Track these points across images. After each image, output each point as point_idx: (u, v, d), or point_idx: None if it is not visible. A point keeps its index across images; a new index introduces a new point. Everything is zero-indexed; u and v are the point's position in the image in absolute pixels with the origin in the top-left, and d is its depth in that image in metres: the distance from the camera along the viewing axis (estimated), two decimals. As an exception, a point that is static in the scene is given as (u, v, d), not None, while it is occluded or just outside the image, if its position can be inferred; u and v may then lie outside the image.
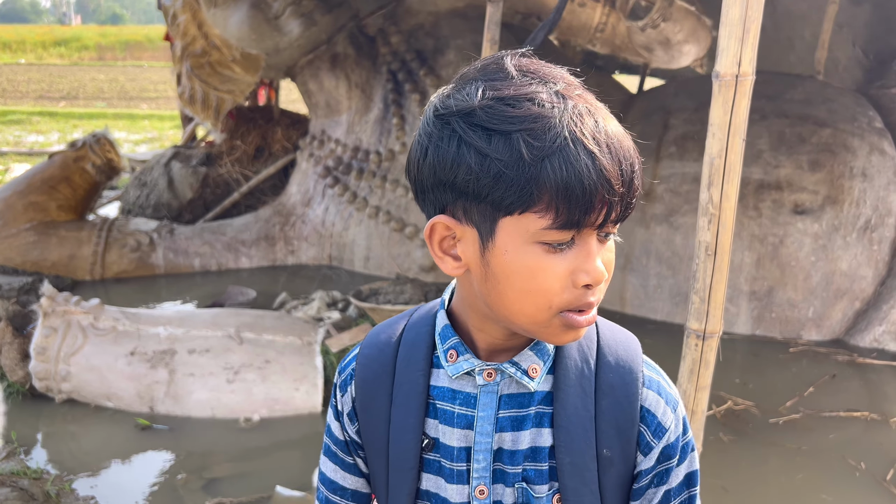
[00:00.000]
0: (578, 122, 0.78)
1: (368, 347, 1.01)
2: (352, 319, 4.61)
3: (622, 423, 0.91)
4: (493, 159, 0.78)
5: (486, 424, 0.92)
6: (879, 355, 4.54)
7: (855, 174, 4.86)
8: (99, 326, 3.79)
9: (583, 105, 0.80)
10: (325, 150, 6.38)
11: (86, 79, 24.45)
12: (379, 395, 0.97)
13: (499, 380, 0.92)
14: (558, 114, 0.78)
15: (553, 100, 0.79)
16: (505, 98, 0.79)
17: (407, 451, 0.94)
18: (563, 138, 0.76)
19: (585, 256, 0.81)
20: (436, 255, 0.89)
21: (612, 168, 0.78)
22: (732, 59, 1.54)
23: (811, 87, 5.45)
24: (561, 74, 0.84)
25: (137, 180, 7.36)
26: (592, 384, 0.92)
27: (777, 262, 4.83)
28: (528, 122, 0.77)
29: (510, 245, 0.81)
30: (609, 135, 0.79)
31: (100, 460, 3.38)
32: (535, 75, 0.82)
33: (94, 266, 5.78)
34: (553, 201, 0.77)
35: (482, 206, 0.81)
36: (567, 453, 0.90)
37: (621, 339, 0.96)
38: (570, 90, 0.81)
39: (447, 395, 0.94)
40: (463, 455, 0.93)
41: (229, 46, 6.17)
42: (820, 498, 3.17)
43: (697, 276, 1.69)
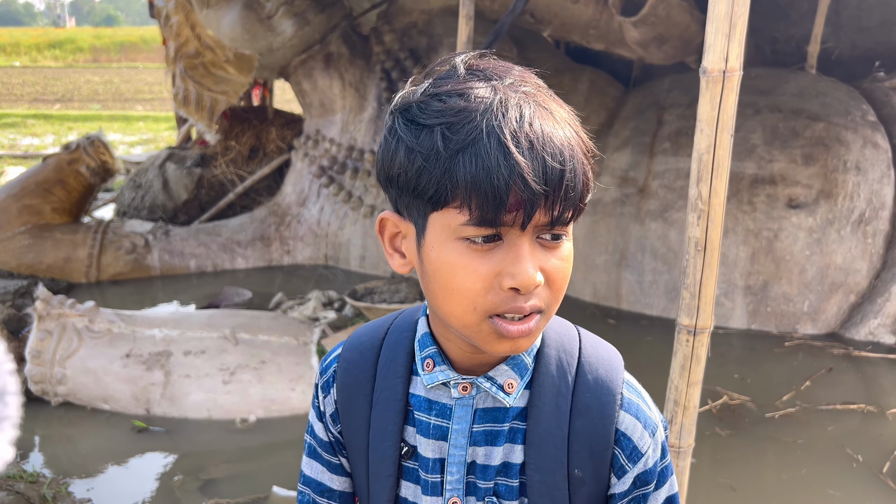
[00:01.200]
0: (499, 116, 0.75)
1: (350, 350, 0.99)
2: (348, 319, 4.61)
3: (595, 444, 0.89)
4: (417, 153, 0.77)
5: (461, 437, 0.90)
6: (875, 348, 4.55)
7: (849, 168, 4.87)
8: (94, 329, 3.79)
9: (516, 100, 0.77)
10: (319, 150, 6.38)
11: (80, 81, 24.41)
12: (359, 400, 0.96)
13: (474, 393, 0.90)
14: (482, 108, 0.75)
15: (484, 95, 0.77)
16: (439, 94, 0.78)
17: (385, 458, 0.93)
18: (478, 132, 0.74)
19: (513, 258, 0.77)
20: (386, 252, 0.88)
21: (528, 165, 0.73)
22: (719, 55, 1.54)
23: (804, 81, 5.45)
24: (515, 72, 0.82)
25: (132, 182, 7.35)
26: (568, 403, 0.89)
27: (772, 256, 4.84)
28: (449, 116, 0.76)
29: (436, 241, 0.80)
30: (535, 130, 0.75)
31: (96, 463, 3.38)
32: (482, 73, 0.81)
33: (89, 269, 5.77)
34: (466, 196, 0.75)
35: (415, 201, 0.80)
36: (537, 471, 0.88)
37: (603, 357, 0.93)
38: (513, 87, 0.79)
39: (423, 405, 0.92)
40: (437, 466, 0.91)
41: (222, 47, 6.16)
42: (818, 491, 3.18)
43: (687, 271, 1.69)
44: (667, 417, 1.79)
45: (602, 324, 4.95)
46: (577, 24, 6.13)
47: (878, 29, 6.31)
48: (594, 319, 5.05)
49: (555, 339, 0.92)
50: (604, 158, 0.85)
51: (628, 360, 0.99)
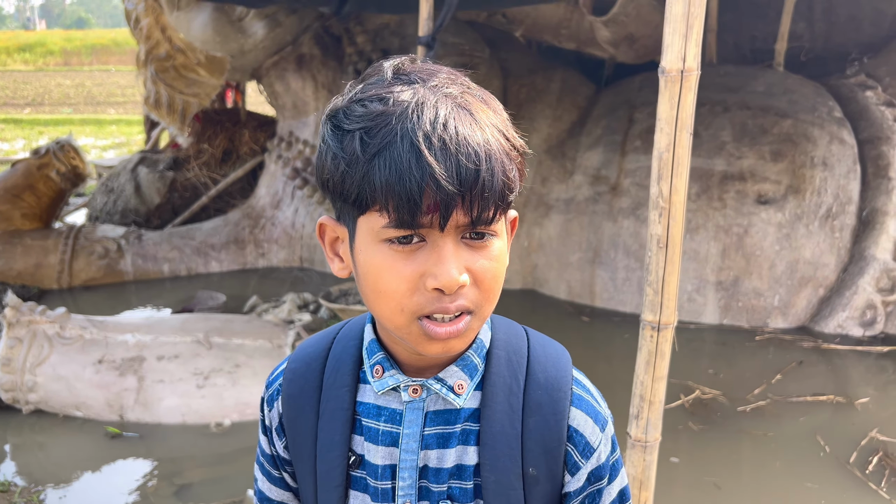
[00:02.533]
0: (414, 119, 0.75)
1: (295, 362, 0.98)
2: (323, 321, 4.61)
3: (549, 441, 0.89)
4: (341, 158, 0.78)
5: (412, 442, 0.89)
6: (843, 340, 4.63)
7: (816, 163, 4.95)
8: (65, 335, 3.75)
9: (433, 102, 0.77)
10: (293, 152, 6.37)
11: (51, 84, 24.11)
12: (305, 411, 0.95)
13: (425, 396, 0.90)
14: (398, 111, 0.76)
15: (403, 98, 0.77)
16: (363, 99, 0.79)
17: (333, 468, 0.92)
18: (392, 135, 0.75)
19: (436, 259, 0.78)
20: (328, 256, 0.89)
21: (440, 166, 0.73)
22: (677, 55, 1.57)
23: (772, 79, 5.53)
24: (441, 75, 0.82)
25: (104, 187, 7.28)
26: (520, 401, 0.89)
27: (742, 251, 4.91)
28: (367, 121, 0.76)
29: (363, 244, 0.81)
30: (449, 131, 0.75)
31: (69, 470, 3.35)
32: (408, 76, 0.81)
33: (61, 274, 5.71)
34: (383, 200, 0.75)
35: (345, 206, 0.81)
36: (492, 472, 0.88)
37: (552, 355, 0.94)
38: (436, 89, 0.79)
39: (372, 412, 0.92)
40: (388, 473, 0.91)
41: (193, 49, 6.13)
42: (794, 483, 3.23)
43: (650, 268, 1.71)
44: (633, 412, 1.82)
45: (576, 321, 4.99)
46: (548, 24, 6.17)
47: (846, 24, 6.42)
48: (568, 317, 5.09)
49: (503, 340, 0.93)
50: (530, 154, 0.85)
51: (601, 356, 1.00)
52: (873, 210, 4.89)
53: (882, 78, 5.49)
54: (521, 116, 5.80)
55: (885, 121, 5.18)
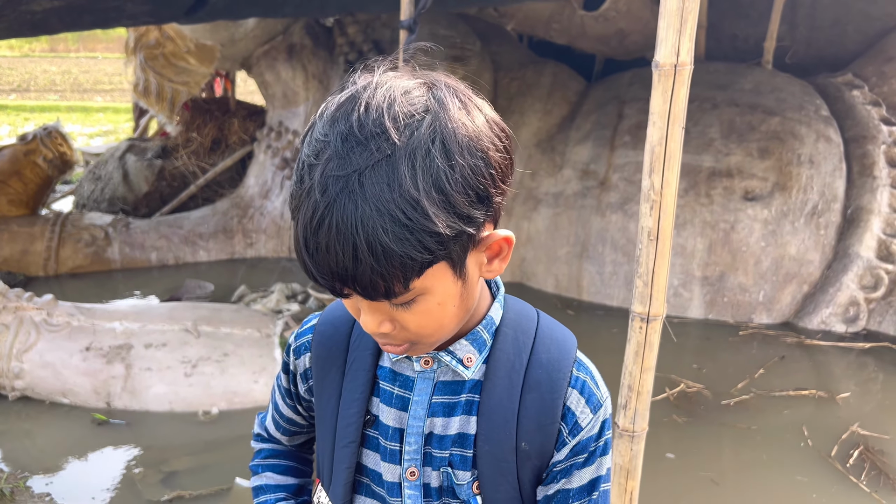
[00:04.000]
0: (305, 216, 0.76)
1: (325, 324, 1.04)
2: (312, 311, 4.62)
3: (543, 419, 0.92)
4: (294, 182, 0.82)
5: (420, 409, 0.94)
6: (826, 336, 4.69)
7: (802, 161, 5.00)
8: (52, 322, 3.74)
9: (335, 188, 0.74)
10: (282, 142, 6.35)
11: (37, 71, 23.87)
12: (332, 371, 1.00)
13: (436, 367, 0.94)
14: (304, 195, 0.77)
15: (316, 174, 0.76)
16: (311, 151, 0.78)
17: (350, 424, 0.97)
18: (296, 222, 0.78)
19: (360, 313, 0.85)
20: None
21: (316, 270, 0.78)
22: (671, 49, 1.59)
23: (760, 77, 5.58)
24: (398, 127, 0.76)
25: (92, 174, 7.24)
26: (521, 378, 0.93)
27: (728, 247, 4.95)
28: (295, 198, 0.79)
29: None
30: (321, 235, 0.75)
31: (56, 457, 3.35)
32: (359, 136, 0.75)
33: (47, 261, 5.68)
34: None
35: None
36: (486, 441, 0.92)
37: (558, 338, 0.97)
38: (361, 158, 0.74)
39: (388, 376, 0.97)
40: (396, 435, 0.95)
41: (183, 37, 6.09)
42: (771, 473, 3.28)
43: (640, 260, 1.74)
44: (621, 402, 1.84)
45: (562, 314, 5.02)
46: (539, 19, 6.18)
47: (831, 28, 6.47)
48: (555, 310, 5.12)
49: (513, 320, 0.96)
50: (515, 169, 0.85)
51: (587, 349, 1.02)
52: (858, 208, 4.95)
53: (868, 77, 5.54)
54: (512, 110, 5.81)
55: (870, 120, 5.24)
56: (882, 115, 5.26)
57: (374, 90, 0.78)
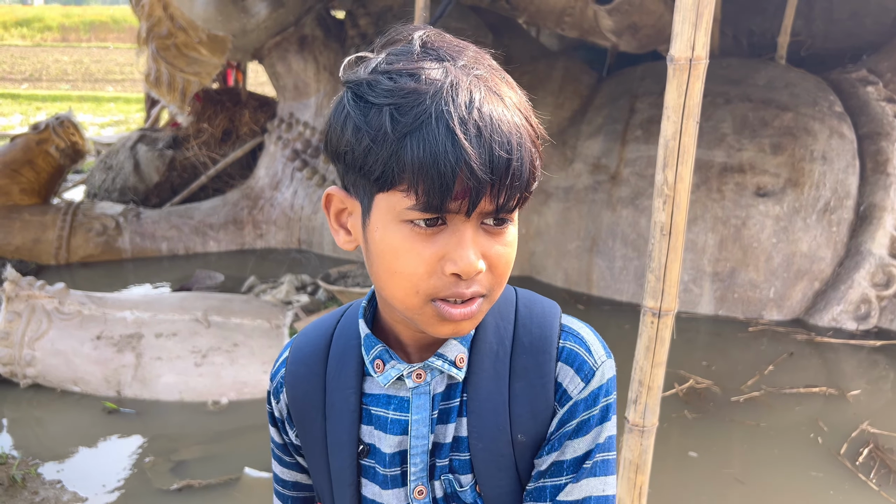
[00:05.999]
0: (449, 101, 0.73)
1: (295, 363, 0.97)
2: (321, 303, 4.62)
3: (536, 406, 0.87)
4: (365, 132, 0.75)
5: (422, 427, 0.88)
6: (837, 334, 4.66)
7: (815, 157, 4.97)
8: (64, 311, 3.76)
9: (467, 84, 0.75)
10: (293, 133, 6.35)
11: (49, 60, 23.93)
12: (312, 413, 0.94)
13: (429, 379, 0.88)
14: (432, 90, 0.73)
15: (436, 77, 0.74)
16: (391, 72, 0.76)
17: (344, 468, 0.92)
18: (427, 115, 0.72)
19: (456, 244, 0.76)
20: (332, 227, 0.87)
21: (475, 152, 0.72)
22: (686, 43, 1.58)
23: (774, 72, 5.54)
24: (470, 53, 0.79)
25: (103, 164, 7.26)
26: (507, 367, 0.88)
27: (739, 243, 4.93)
28: (398, 97, 0.74)
29: (381, 222, 0.78)
30: (484, 116, 0.73)
31: (66, 445, 3.37)
32: (437, 52, 0.78)
33: (59, 250, 5.71)
34: (413, 181, 0.73)
35: (361, 181, 0.78)
36: (479, 439, 0.87)
37: (538, 315, 0.91)
38: (466, 69, 0.77)
39: (382, 401, 0.91)
40: (397, 460, 0.90)
41: (195, 28, 6.09)
42: (781, 470, 3.27)
43: (653, 255, 1.73)
44: (631, 397, 1.84)
45: (572, 309, 5.01)
46: (551, 12, 6.15)
47: (849, 21, 6.42)
48: (564, 305, 5.07)
49: (492, 307, 0.90)
50: (548, 142, 0.86)
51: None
52: (871, 205, 4.92)
53: (883, 73, 5.50)
54: (523, 103, 5.78)
55: (885, 116, 5.20)
56: (897, 111, 5.22)
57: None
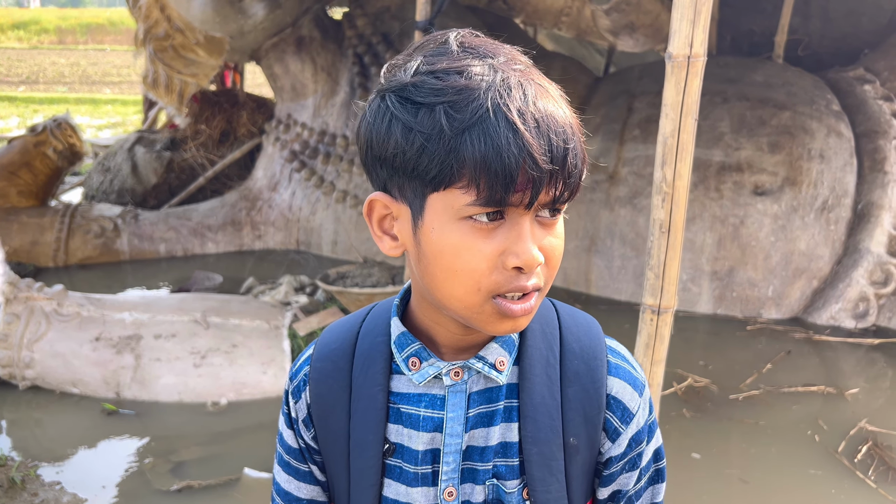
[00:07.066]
0: (504, 95, 0.74)
1: (321, 360, 0.96)
2: (320, 303, 4.62)
3: (589, 410, 0.90)
4: (417, 132, 0.75)
5: (456, 425, 0.89)
6: (835, 332, 4.67)
7: (813, 156, 4.97)
8: (63, 312, 3.76)
9: (517, 78, 0.76)
10: (291, 134, 6.35)
11: (46, 63, 23.91)
12: (336, 411, 0.93)
13: (466, 378, 0.89)
14: (484, 86, 0.74)
15: (484, 73, 0.76)
16: (436, 72, 0.76)
17: (368, 467, 0.91)
18: (484, 110, 0.73)
19: (516, 237, 0.77)
20: (375, 235, 0.86)
21: (536, 143, 0.73)
22: (684, 41, 1.58)
23: (771, 71, 5.55)
24: (505, 50, 0.81)
25: (101, 166, 7.26)
26: (558, 372, 0.90)
27: (738, 242, 4.94)
28: (451, 95, 0.74)
29: (437, 222, 0.78)
30: (538, 108, 0.75)
31: (65, 446, 3.37)
32: (476, 50, 0.79)
33: (57, 252, 5.70)
34: (474, 176, 0.73)
35: (412, 182, 0.78)
36: (534, 443, 0.88)
37: (582, 324, 0.94)
38: (508, 65, 0.78)
39: (412, 399, 0.90)
40: (428, 458, 0.90)
41: (192, 29, 6.09)
42: (780, 468, 3.27)
43: (652, 252, 1.73)
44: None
45: (572, 308, 5.01)
46: (549, 12, 6.16)
47: (845, 20, 6.43)
48: (564, 304, 5.11)
49: (536, 313, 0.91)
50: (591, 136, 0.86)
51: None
52: (868, 203, 4.92)
53: (880, 72, 5.51)
54: (521, 103, 5.79)
55: (882, 115, 5.21)
56: (894, 109, 5.23)
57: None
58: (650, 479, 0.97)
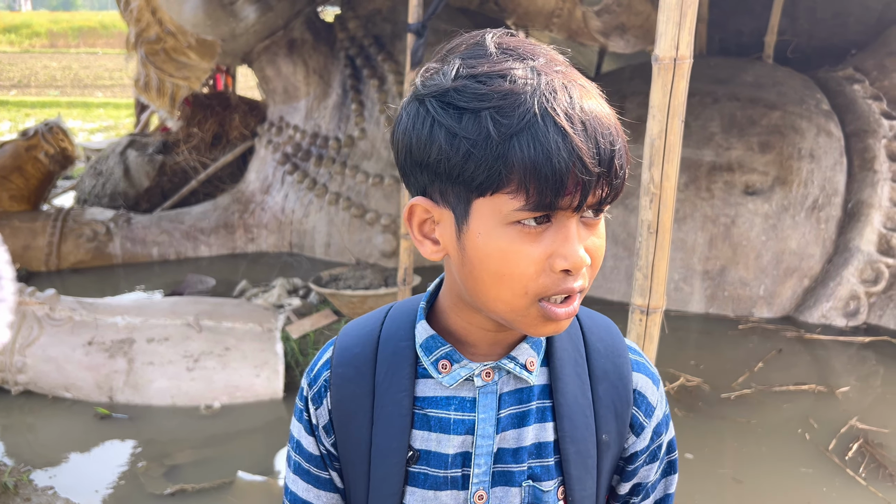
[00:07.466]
0: (550, 98, 0.73)
1: (342, 365, 0.94)
2: (312, 306, 4.63)
3: (619, 406, 0.92)
4: (462, 138, 0.75)
5: (488, 427, 0.88)
6: (826, 330, 4.69)
7: (803, 155, 5.00)
8: (55, 317, 3.75)
9: (560, 81, 0.76)
10: (283, 137, 6.35)
11: (37, 66, 23.84)
12: (358, 416, 0.92)
13: (497, 378, 0.89)
14: (530, 90, 0.74)
15: (527, 76, 0.75)
16: (478, 76, 0.76)
17: (390, 475, 0.90)
18: (532, 115, 0.73)
19: (563, 240, 0.77)
20: (415, 239, 0.85)
21: (585, 146, 0.73)
22: (671, 43, 1.60)
23: (761, 71, 5.57)
24: (544, 51, 0.80)
25: (93, 169, 7.24)
26: (586, 371, 0.92)
27: (729, 241, 4.96)
28: (497, 99, 0.74)
29: (483, 227, 0.78)
30: (585, 111, 0.75)
31: (58, 451, 3.36)
32: (515, 52, 0.78)
33: (49, 257, 5.69)
34: (523, 181, 0.73)
35: (456, 188, 0.78)
36: (572, 443, 0.89)
37: (602, 324, 0.96)
38: (549, 66, 0.77)
39: (441, 403, 0.89)
40: (458, 461, 0.89)
41: (184, 32, 6.09)
42: (772, 466, 3.29)
43: (640, 253, 1.75)
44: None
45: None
46: (540, 13, 6.18)
47: (833, 21, 6.47)
48: (557, 305, 5.12)
49: None
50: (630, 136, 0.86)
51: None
52: (859, 202, 4.95)
53: (869, 71, 5.54)
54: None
55: (871, 114, 5.24)
56: (883, 109, 5.26)
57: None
58: (663, 470, 0.99)
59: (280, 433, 3.50)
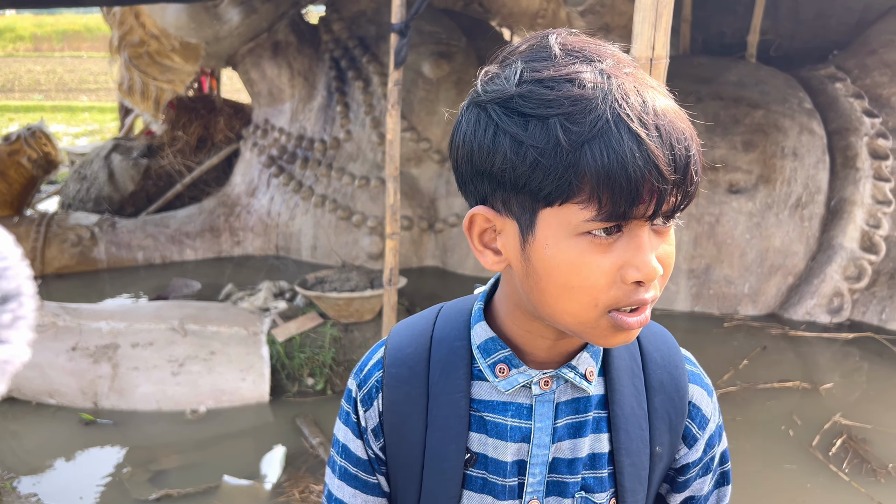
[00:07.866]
0: (623, 103, 0.70)
1: (396, 366, 0.91)
2: (299, 309, 4.62)
3: (673, 418, 0.90)
4: (529, 146, 0.71)
5: (544, 436, 0.86)
6: (810, 327, 4.73)
7: (786, 153, 5.03)
8: (38, 323, 3.73)
9: (631, 84, 0.72)
10: (268, 140, 6.34)
11: (21, 70, 23.66)
12: (412, 419, 0.89)
13: (555, 387, 0.86)
14: (600, 95, 0.70)
15: (596, 80, 0.71)
16: (543, 80, 0.72)
17: (448, 479, 0.88)
18: (604, 121, 0.69)
19: (636, 250, 0.73)
20: (475, 249, 0.82)
21: (661, 153, 0.69)
22: (646, 44, 1.60)
23: (745, 70, 5.61)
24: (610, 52, 0.76)
25: (77, 174, 7.20)
26: (643, 382, 0.90)
27: (714, 240, 4.99)
28: (566, 106, 0.70)
29: (551, 238, 0.74)
30: (659, 115, 0.71)
31: (43, 458, 3.34)
32: (580, 54, 0.74)
33: (33, 262, 5.65)
34: (595, 191, 0.70)
35: (521, 197, 0.74)
36: (627, 455, 0.88)
37: (658, 334, 0.94)
38: (618, 68, 0.73)
39: (497, 408, 0.87)
40: (515, 469, 0.87)
41: (168, 36, 6.07)
42: (757, 463, 3.31)
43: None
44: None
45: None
46: (524, 14, 6.19)
47: (814, 21, 6.52)
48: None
49: None
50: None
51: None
52: (841, 199, 4.99)
53: (851, 70, 5.58)
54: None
55: (853, 112, 5.28)
56: (864, 107, 5.31)
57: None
58: (716, 481, 0.98)
59: (266, 437, 3.49)
